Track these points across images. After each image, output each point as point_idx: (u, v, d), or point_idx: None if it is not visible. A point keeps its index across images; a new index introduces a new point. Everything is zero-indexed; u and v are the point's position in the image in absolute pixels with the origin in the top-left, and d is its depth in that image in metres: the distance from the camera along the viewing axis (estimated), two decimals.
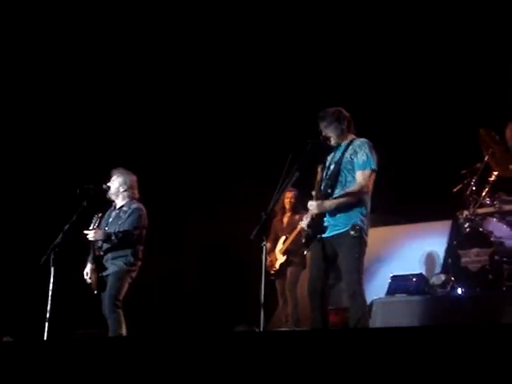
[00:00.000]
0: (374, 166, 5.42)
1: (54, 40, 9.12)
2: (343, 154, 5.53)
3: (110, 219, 6.94)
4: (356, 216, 5.39)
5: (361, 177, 5.40)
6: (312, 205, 5.44)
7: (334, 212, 5.42)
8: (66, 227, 6.53)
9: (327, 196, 5.48)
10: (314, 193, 5.58)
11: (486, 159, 7.35)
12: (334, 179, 5.45)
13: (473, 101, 8.16)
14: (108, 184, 6.94)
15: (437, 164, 8.22)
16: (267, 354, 3.56)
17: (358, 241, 5.34)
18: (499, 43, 8.12)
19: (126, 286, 6.71)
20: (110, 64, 9.35)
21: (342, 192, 5.41)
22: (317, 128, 5.67)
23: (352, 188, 5.41)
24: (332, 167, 5.55)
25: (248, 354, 3.61)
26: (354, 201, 5.39)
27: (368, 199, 5.50)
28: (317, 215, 5.46)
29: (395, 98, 8.59)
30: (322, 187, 5.54)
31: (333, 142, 5.62)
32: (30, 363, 4.18)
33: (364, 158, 5.41)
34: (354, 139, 5.60)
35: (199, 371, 3.67)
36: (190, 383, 3.66)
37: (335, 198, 5.41)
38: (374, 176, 5.44)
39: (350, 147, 5.52)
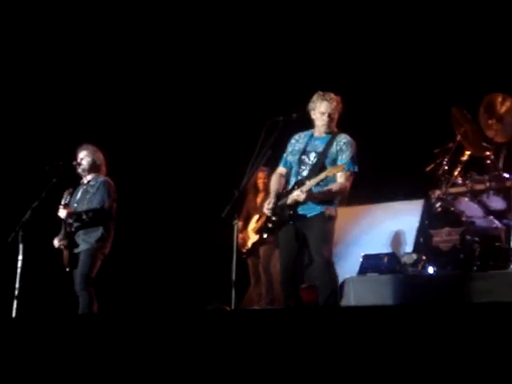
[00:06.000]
0: (356, 169, 5.64)
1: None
2: (328, 146, 5.60)
3: (78, 195, 6.89)
4: (329, 200, 5.58)
5: (344, 177, 5.58)
6: (299, 195, 5.47)
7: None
8: (35, 204, 6.47)
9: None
10: (293, 179, 5.65)
11: (458, 138, 7.35)
12: (317, 171, 5.51)
13: (446, 79, 8.15)
14: (79, 160, 6.86)
15: (409, 143, 8.20)
16: (239, 332, 3.55)
17: (331, 221, 5.55)
18: (472, 22, 8.11)
19: (99, 263, 6.67)
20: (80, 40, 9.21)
21: (326, 188, 5.53)
22: (288, 105, 5.66)
23: (336, 187, 5.58)
24: (314, 157, 5.61)
25: (220, 333, 3.59)
26: (334, 197, 5.61)
27: None
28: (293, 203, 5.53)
29: (367, 75, 8.54)
30: (305, 174, 5.58)
31: (320, 128, 5.65)
32: None
33: (349, 159, 5.58)
34: (337, 133, 5.68)
35: (170, 349, 3.65)
36: (161, 361, 3.64)
37: (319, 193, 5.52)
38: (353, 177, 5.64)
39: (335, 143, 5.62)
